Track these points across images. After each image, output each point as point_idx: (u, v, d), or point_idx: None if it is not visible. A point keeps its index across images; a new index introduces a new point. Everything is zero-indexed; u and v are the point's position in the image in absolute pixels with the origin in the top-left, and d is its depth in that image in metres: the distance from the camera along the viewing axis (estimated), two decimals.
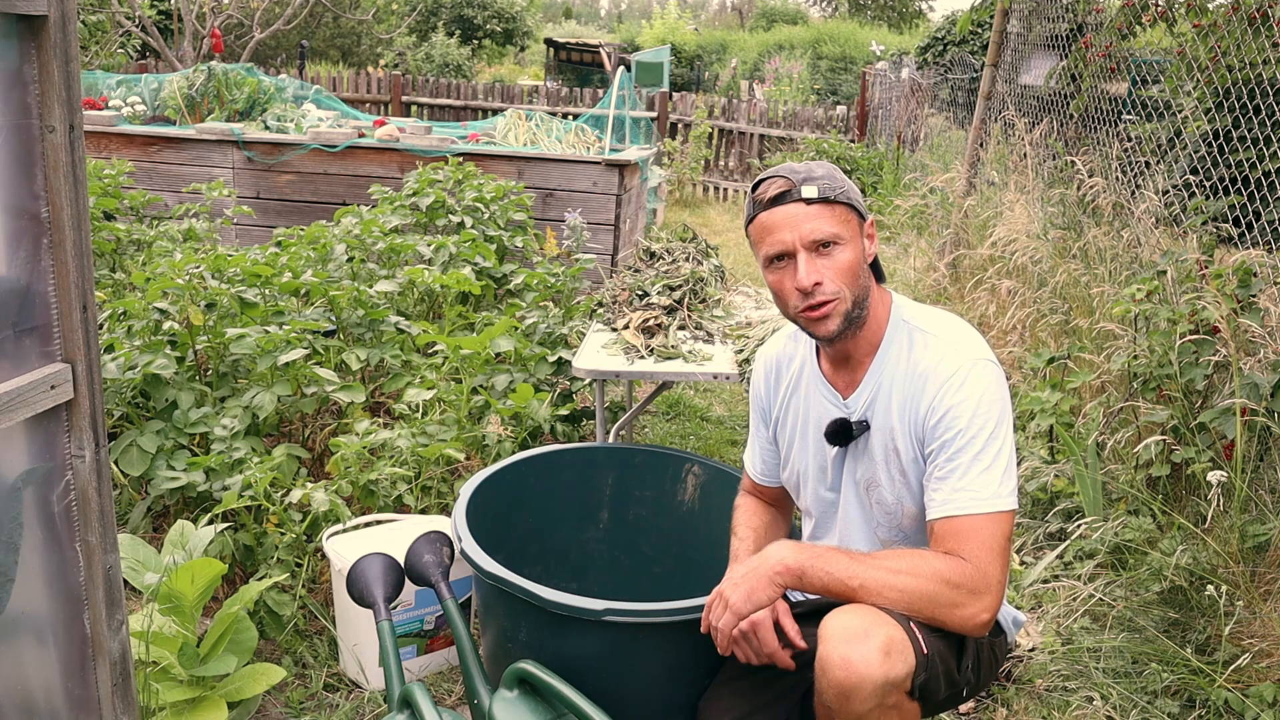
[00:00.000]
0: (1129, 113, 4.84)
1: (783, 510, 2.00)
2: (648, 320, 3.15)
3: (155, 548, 2.30)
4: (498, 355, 3.25)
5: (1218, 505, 2.47)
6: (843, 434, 1.69)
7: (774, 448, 1.93)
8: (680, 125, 11.30)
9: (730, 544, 1.90)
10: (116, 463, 2.62)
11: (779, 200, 1.62)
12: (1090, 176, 4.28)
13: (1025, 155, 5.18)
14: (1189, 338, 2.77)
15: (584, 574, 2.34)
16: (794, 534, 1.97)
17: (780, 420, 1.88)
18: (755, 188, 1.67)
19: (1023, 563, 2.85)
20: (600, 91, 11.39)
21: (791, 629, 1.59)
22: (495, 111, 11.09)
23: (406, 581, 2.12)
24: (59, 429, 1.40)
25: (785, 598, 1.84)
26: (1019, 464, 3.20)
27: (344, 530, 2.44)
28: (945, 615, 1.49)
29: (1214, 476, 2.43)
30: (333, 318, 3.35)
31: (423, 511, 2.68)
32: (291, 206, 5.89)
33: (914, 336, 1.68)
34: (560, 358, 3.27)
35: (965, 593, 1.48)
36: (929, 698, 1.53)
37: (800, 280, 1.60)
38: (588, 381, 3.39)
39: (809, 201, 1.61)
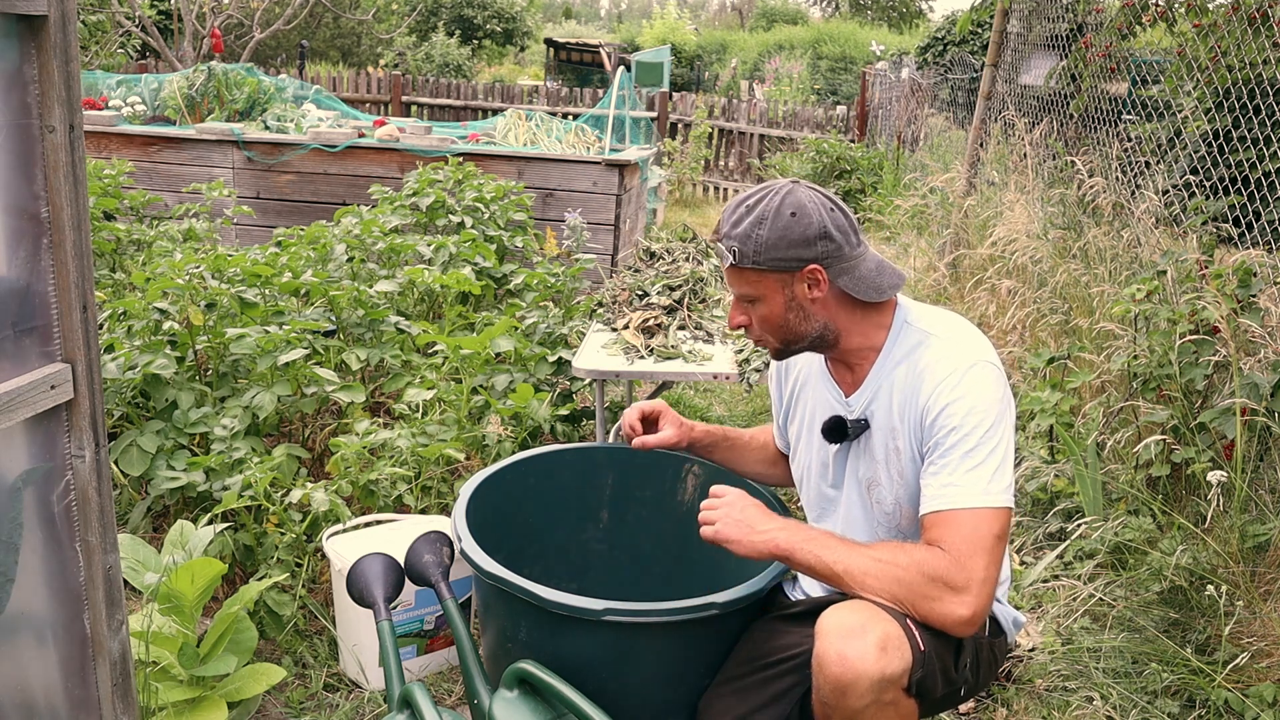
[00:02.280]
0: (1129, 113, 4.84)
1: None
2: (648, 320, 3.15)
3: (155, 548, 2.30)
4: (498, 355, 3.25)
5: (1218, 505, 2.47)
6: (837, 431, 1.71)
7: (784, 433, 1.98)
8: (680, 125, 11.30)
9: None
10: (116, 463, 2.62)
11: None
12: (1090, 176, 4.27)
13: (1025, 155, 5.18)
14: (1189, 338, 2.77)
15: (584, 574, 2.33)
16: (777, 507, 1.94)
17: (791, 412, 1.91)
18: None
19: (1023, 563, 2.85)
20: (600, 91, 11.39)
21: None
22: (495, 111, 11.09)
23: (406, 581, 2.12)
24: (59, 429, 1.40)
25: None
26: (1019, 464, 3.20)
27: (344, 530, 2.44)
28: (925, 609, 1.48)
29: (1214, 476, 2.43)
30: (333, 318, 3.34)
31: (423, 511, 2.68)
32: (291, 206, 5.89)
33: (917, 338, 1.68)
34: (560, 358, 3.27)
35: (942, 586, 1.47)
36: (926, 695, 1.52)
37: (729, 319, 1.74)
38: (588, 381, 3.39)
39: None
